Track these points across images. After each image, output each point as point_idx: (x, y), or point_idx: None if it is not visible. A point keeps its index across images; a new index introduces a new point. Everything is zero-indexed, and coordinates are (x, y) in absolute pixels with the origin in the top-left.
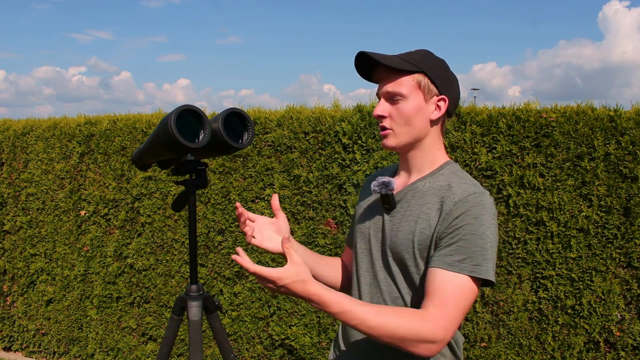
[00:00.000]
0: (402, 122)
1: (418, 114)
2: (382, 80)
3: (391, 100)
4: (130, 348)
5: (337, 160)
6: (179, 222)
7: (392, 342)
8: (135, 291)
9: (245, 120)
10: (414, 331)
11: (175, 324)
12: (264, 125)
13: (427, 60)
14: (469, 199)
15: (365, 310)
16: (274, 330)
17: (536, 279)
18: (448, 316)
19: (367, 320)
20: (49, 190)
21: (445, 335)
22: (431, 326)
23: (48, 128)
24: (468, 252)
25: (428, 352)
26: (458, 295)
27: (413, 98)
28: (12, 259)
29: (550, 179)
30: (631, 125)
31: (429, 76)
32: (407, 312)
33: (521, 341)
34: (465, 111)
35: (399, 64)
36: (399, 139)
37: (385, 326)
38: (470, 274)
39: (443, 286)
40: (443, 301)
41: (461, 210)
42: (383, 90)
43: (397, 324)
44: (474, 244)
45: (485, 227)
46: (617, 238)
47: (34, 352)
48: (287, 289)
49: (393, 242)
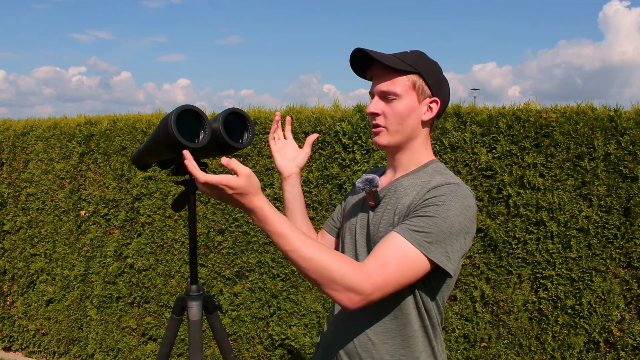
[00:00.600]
0: (395, 121)
1: (411, 114)
2: (377, 78)
3: (385, 99)
4: (130, 348)
5: (337, 160)
6: (179, 222)
7: (318, 281)
8: (135, 291)
9: (245, 120)
10: (344, 275)
11: (175, 324)
12: (264, 125)
13: (422, 62)
14: (442, 187)
15: (303, 240)
16: (274, 330)
17: (536, 279)
18: (384, 276)
19: (302, 249)
20: (49, 190)
21: (372, 292)
22: (363, 278)
23: (48, 128)
24: (426, 227)
25: (349, 302)
26: (402, 263)
27: (407, 98)
28: (12, 259)
29: (550, 179)
30: (631, 125)
31: (424, 77)
32: (346, 258)
33: (521, 341)
34: (465, 111)
35: (396, 63)
36: (391, 137)
37: (318, 261)
38: (419, 247)
39: (391, 248)
40: (385, 260)
41: (432, 194)
42: (378, 88)
43: (330, 263)
44: (435, 224)
45: (452, 213)
46: (617, 238)
47: (34, 352)
48: (234, 199)
49: (375, 237)
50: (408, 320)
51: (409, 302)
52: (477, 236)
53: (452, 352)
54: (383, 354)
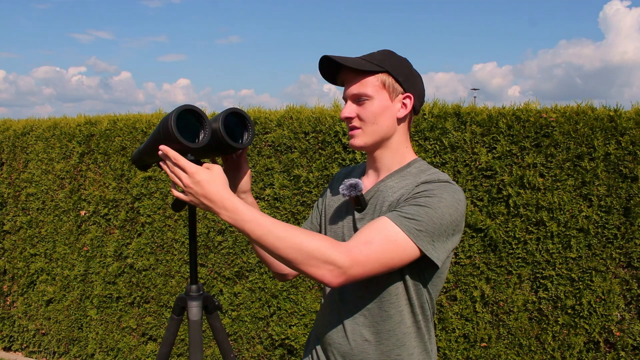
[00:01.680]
0: (369, 122)
1: (384, 113)
2: (347, 82)
3: (357, 102)
4: (130, 348)
5: (337, 160)
6: (179, 222)
7: (296, 259)
8: (135, 291)
9: (245, 120)
10: (322, 249)
11: (175, 324)
12: (264, 125)
13: (389, 60)
14: (433, 182)
15: (275, 221)
16: (274, 330)
17: (536, 279)
18: (366, 252)
19: (275, 230)
20: (49, 190)
21: (351, 265)
22: (342, 251)
23: (48, 128)
24: (417, 216)
25: (329, 275)
26: (388, 244)
27: (378, 97)
28: (12, 259)
29: (550, 179)
30: (631, 125)
31: (393, 75)
32: (321, 235)
33: (521, 341)
34: (465, 111)
35: (362, 65)
36: (367, 138)
37: (294, 238)
38: (408, 233)
39: (377, 229)
40: (368, 239)
41: (423, 187)
42: (348, 92)
43: (307, 239)
44: (426, 213)
45: (443, 205)
46: (617, 238)
47: (34, 352)
48: (201, 188)
49: None
50: (402, 319)
51: (401, 301)
52: (477, 236)
53: (452, 352)
54: (379, 354)
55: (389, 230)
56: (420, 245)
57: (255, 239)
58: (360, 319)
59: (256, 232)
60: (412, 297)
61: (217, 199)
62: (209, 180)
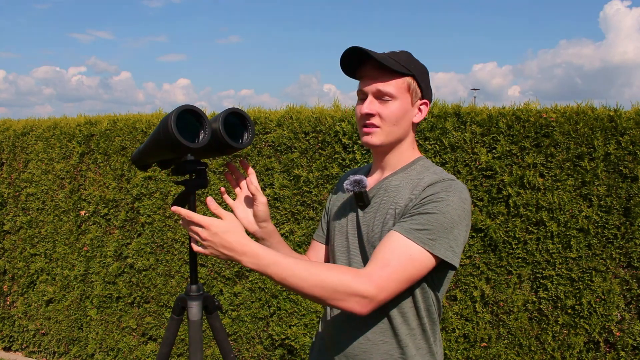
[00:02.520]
0: (390, 122)
1: (405, 116)
2: (372, 78)
3: (380, 99)
4: (130, 348)
5: (337, 160)
6: (179, 222)
7: (323, 296)
8: (135, 291)
9: (245, 120)
10: (345, 282)
11: (175, 324)
12: (264, 125)
13: (414, 64)
14: (437, 184)
15: (296, 262)
16: (274, 330)
17: (536, 279)
18: (387, 276)
19: (297, 271)
20: (49, 190)
21: (378, 293)
22: (364, 280)
23: (48, 128)
24: (427, 225)
25: (358, 306)
26: (405, 261)
27: (402, 99)
28: (12, 259)
29: (550, 179)
30: (631, 125)
31: (417, 80)
32: (343, 267)
33: (521, 341)
34: (465, 111)
35: (393, 64)
36: (384, 137)
37: (316, 277)
38: (423, 245)
39: (391, 248)
40: (386, 261)
41: (430, 192)
42: (372, 87)
43: (328, 275)
44: (436, 220)
45: (451, 208)
46: (617, 238)
47: (34, 352)
48: (219, 239)
49: (370, 237)
50: (406, 319)
51: (406, 301)
52: (477, 236)
53: (452, 352)
54: (381, 354)
55: (404, 246)
56: (437, 253)
57: (279, 281)
58: (363, 320)
59: (279, 275)
60: (417, 299)
61: (237, 246)
62: (225, 229)
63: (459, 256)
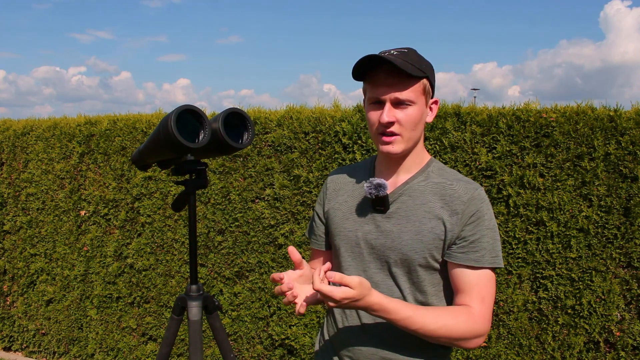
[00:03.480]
0: (410, 128)
1: (422, 119)
2: (388, 85)
3: (397, 105)
4: (130, 348)
5: (337, 160)
6: (179, 222)
7: (452, 342)
8: (135, 291)
9: (245, 120)
10: (470, 329)
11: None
12: (264, 125)
13: (425, 63)
14: (475, 197)
15: (424, 314)
16: (274, 330)
17: (536, 279)
18: (488, 309)
19: (426, 325)
20: (49, 190)
21: (488, 328)
22: (482, 322)
23: (48, 128)
24: (487, 246)
25: (477, 344)
26: (489, 288)
27: (420, 103)
28: (12, 259)
29: (550, 179)
30: (631, 125)
31: (430, 80)
32: (460, 313)
33: (521, 341)
34: (465, 111)
35: (411, 69)
36: (406, 144)
37: (443, 328)
38: (491, 265)
39: (475, 282)
40: (481, 296)
41: (473, 209)
42: (391, 96)
43: (452, 325)
44: (490, 237)
45: (493, 221)
46: (617, 238)
47: (34, 352)
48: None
49: (397, 245)
50: None
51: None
52: None
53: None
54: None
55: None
56: (500, 265)
57: (410, 331)
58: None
59: (411, 328)
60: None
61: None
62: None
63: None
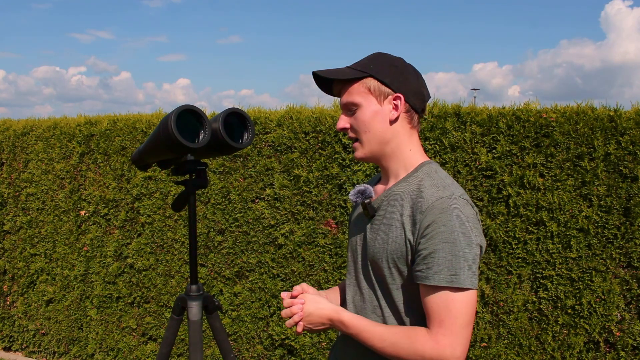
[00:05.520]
0: (362, 130)
1: (375, 118)
2: (337, 94)
3: (349, 112)
4: (130, 348)
5: (337, 160)
6: (179, 222)
7: None
8: (135, 291)
9: (245, 120)
10: (419, 353)
11: (175, 324)
12: (264, 125)
13: (374, 63)
14: (435, 205)
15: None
16: (274, 330)
17: (536, 279)
18: (449, 332)
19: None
20: (49, 190)
21: (452, 352)
22: (433, 346)
23: (48, 128)
24: (442, 262)
25: None
26: (452, 309)
27: (367, 104)
28: (12, 259)
29: (550, 179)
30: (631, 125)
31: (377, 78)
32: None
33: (521, 341)
34: (465, 111)
35: (345, 74)
36: (364, 148)
37: (392, 347)
38: (449, 284)
39: (431, 303)
40: (438, 319)
41: (429, 220)
42: (340, 103)
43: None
44: (448, 253)
45: (457, 233)
46: (617, 238)
47: (34, 352)
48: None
49: (371, 252)
50: None
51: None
52: None
53: None
54: None
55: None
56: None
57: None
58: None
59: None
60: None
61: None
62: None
63: (477, 273)
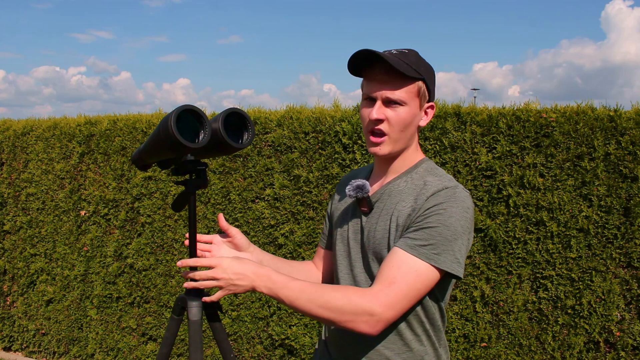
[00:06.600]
0: (399, 128)
1: (413, 121)
2: (381, 82)
3: (388, 104)
4: (130, 348)
5: (337, 160)
6: (179, 222)
7: (331, 317)
8: (135, 291)
9: (245, 120)
10: (351, 303)
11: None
12: (264, 125)
13: (424, 66)
14: (440, 193)
15: (302, 284)
16: (274, 330)
17: (536, 279)
18: (393, 294)
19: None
20: (49, 190)
21: (385, 312)
22: (370, 299)
23: (48, 128)
24: (431, 239)
25: (367, 326)
26: (411, 277)
27: (411, 105)
28: (12, 259)
29: (550, 179)
30: (631, 125)
31: (427, 83)
32: (348, 288)
33: (521, 341)
34: (465, 111)
35: (406, 69)
36: (394, 145)
37: (322, 299)
38: (428, 260)
39: (396, 265)
40: (391, 279)
41: (432, 203)
42: (383, 94)
43: (334, 296)
44: (439, 233)
45: (454, 219)
46: (617, 238)
47: (34, 352)
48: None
49: (372, 243)
50: (413, 330)
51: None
52: (477, 236)
53: (452, 352)
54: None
55: (409, 263)
56: (443, 267)
57: (289, 304)
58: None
59: (289, 298)
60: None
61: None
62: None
63: (463, 265)
